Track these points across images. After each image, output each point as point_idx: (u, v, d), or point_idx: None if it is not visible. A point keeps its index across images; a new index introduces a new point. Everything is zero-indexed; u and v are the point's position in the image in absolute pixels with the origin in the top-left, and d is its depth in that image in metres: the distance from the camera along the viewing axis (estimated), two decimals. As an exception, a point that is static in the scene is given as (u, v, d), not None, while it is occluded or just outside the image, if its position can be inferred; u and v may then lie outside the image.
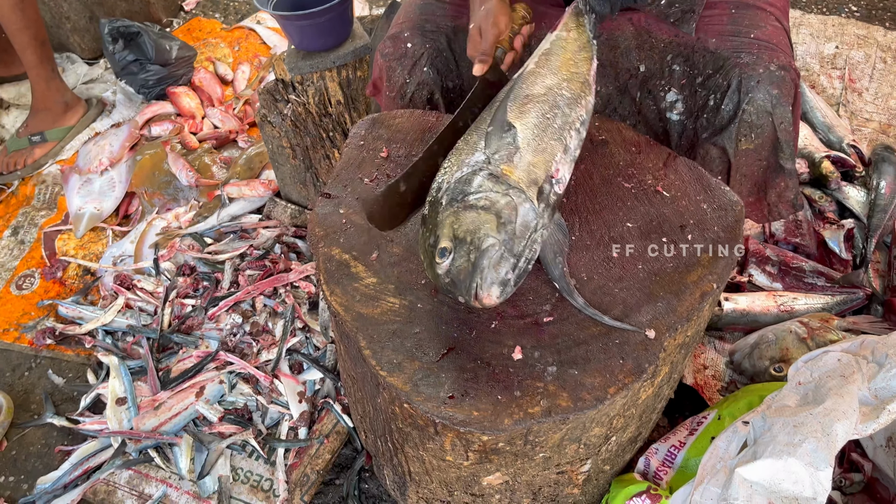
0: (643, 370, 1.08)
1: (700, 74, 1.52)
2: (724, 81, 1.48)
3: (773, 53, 1.46)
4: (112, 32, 2.79)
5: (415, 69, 1.63)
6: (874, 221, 2.15)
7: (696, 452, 1.46)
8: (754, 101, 1.44)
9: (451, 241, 1.07)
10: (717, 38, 1.51)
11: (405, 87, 1.65)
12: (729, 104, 1.48)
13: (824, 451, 1.06)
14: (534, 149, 1.16)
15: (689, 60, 1.53)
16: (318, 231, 1.30)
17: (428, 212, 1.15)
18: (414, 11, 1.68)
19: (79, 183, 2.54)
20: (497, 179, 1.11)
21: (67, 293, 2.26)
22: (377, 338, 1.13)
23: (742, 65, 1.46)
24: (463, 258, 1.05)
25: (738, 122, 1.47)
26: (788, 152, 1.50)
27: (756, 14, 1.53)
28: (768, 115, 1.45)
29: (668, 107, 1.59)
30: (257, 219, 2.35)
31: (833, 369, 1.25)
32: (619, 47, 1.60)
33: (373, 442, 1.50)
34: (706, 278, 1.19)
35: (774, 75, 1.43)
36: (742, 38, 1.49)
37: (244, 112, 2.88)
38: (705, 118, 1.54)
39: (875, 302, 1.99)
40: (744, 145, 1.49)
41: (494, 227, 1.06)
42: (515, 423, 1.02)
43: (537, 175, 1.13)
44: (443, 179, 1.17)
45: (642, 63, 1.61)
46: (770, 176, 1.56)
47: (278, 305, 2.01)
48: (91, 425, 1.84)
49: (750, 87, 1.44)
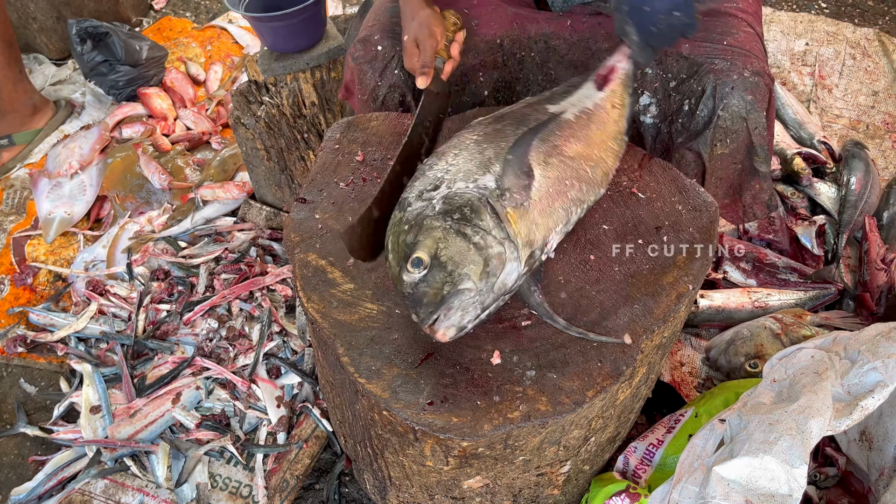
0: (621, 372, 1.08)
1: (673, 78, 1.53)
2: (698, 87, 1.50)
3: (747, 59, 1.47)
4: (80, 33, 2.74)
5: (385, 72, 1.63)
6: (845, 217, 2.18)
7: (674, 450, 1.48)
8: (729, 107, 1.46)
9: (429, 257, 1.04)
10: (690, 44, 1.52)
11: (377, 90, 1.64)
12: (704, 109, 1.49)
13: (799, 448, 1.07)
14: (543, 208, 1.12)
15: (662, 64, 1.54)
16: (294, 237, 1.29)
17: (413, 200, 1.11)
18: (384, 14, 1.67)
19: (48, 187, 2.50)
20: (499, 222, 1.07)
21: (38, 300, 2.22)
22: (355, 344, 1.12)
23: (716, 71, 1.47)
24: (435, 284, 1.03)
25: (713, 127, 1.48)
26: (763, 156, 1.52)
27: (728, 21, 1.54)
28: (743, 121, 1.46)
29: (641, 110, 1.60)
30: (232, 221, 2.32)
31: (807, 366, 1.26)
32: (592, 49, 1.61)
33: (352, 447, 1.49)
34: (682, 280, 1.20)
35: (749, 81, 1.45)
36: (715, 44, 1.50)
37: (217, 113, 2.85)
38: (680, 122, 1.55)
39: (847, 297, 2.03)
40: (719, 150, 1.51)
41: (478, 272, 1.03)
42: (495, 428, 1.03)
43: (536, 237, 1.10)
44: (444, 171, 1.13)
45: None
46: (745, 178, 1.58)
47: (255, 309, 2.00)
48: (65, 434, 1.81)
49: (725, 93, 1.46)
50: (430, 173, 1.14)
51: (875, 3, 3.35)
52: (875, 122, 2.66)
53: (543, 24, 1.63)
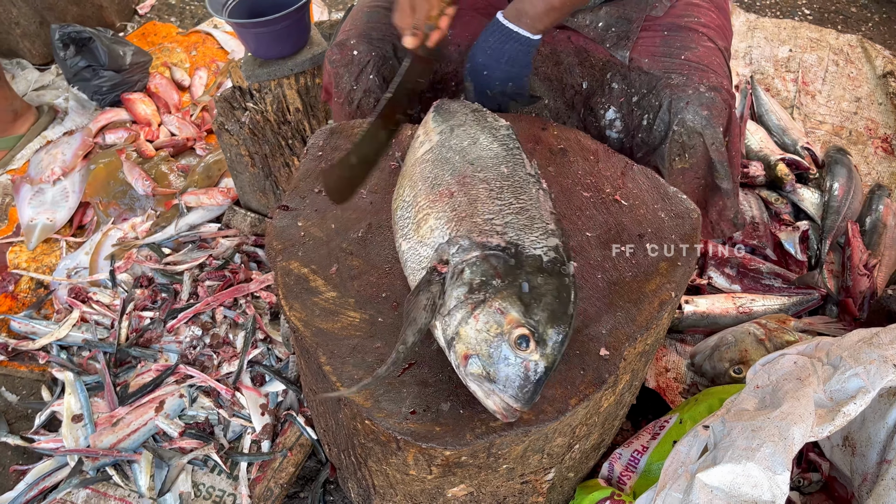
0: (604, 380, 1.08)
1: (636, 93, 1.54)
2: (656, 101, 1.50)
3: (704, 74, 1.48)
4: (63, 38, 2.72)
5: (361, 76, 1.64)
6: (828, 223, 2.19)
7: (659, 457, 1.48)
8: (684, 122, 1.46)
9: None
10: (650, 59, 1.53)
11: (352, 94, 1.66)
12: (660, 124, 1.50)
13: (782, 454, 1.08)
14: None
15: (627, 79, 1.55)
16: (276, 244, 1.29)
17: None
18: (361, 19, 1.68)
19: (30, 193, 2.47)
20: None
21: (20, 307, 2.20)
22: (338, 353, 1.12)
23: (672, 86, 1.48)
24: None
25: (669, 142, 1.49)
26: (723, 172, 1.52)
27: (687, 35, 1.55)
28: (699, 136, 1.47)
29: (607, 125, 1.61)
30: (216, 228, 2.31)
31: (789, 372, 1.27)
32: (563, 63, 1.62)
33: (336, 455, 1.49)
34: (664, 287, 1.20)
35: (704, 96, 1.45)
36: (673, 59, 1.51)
37: (202, 119, 2.84)
38: (640, 137, 1.56)
39: (830, 302, 2.04)
40: (679, 164, 1.52)
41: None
42: (478, 437, 1.02)
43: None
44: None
45: (584, 80, 1.63)
46: (709, 195, 1.59)
47: (239, 317, 1.98)
48: (46, 443, 1.79)
49: (679, 107, 1.46)
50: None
51: (858, 10, 3.38)
52: (858, 129, 2.68)
53: None
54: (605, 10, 1.56)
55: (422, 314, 0.99)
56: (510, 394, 0.95)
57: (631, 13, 1.55)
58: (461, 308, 0.99)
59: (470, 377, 0.97)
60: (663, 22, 1.56)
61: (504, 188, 1.14)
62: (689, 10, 1.58)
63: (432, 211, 1.14)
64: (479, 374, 0.96)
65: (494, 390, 0.95)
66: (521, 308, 0.98)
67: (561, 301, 1.00)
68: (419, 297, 1.01)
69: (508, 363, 0.96)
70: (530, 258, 1.04)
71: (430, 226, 1.12)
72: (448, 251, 1.06)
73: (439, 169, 1.21)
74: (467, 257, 1.04)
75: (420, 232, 1.13)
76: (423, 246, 1.11)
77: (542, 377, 0.96)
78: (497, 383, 0.95)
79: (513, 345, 0.96)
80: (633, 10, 1.55)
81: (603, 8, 1.56)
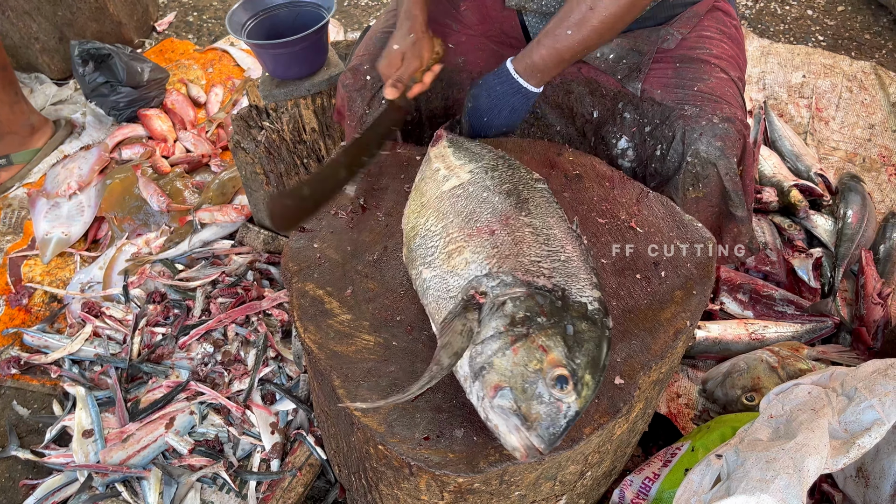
0: (618, 409, 1.08)
1: (649, 123, 1.55)
2: (669, 132, 1.51)
3: (717, 105, 1.48)
4: (82, 54, 2.76)
5: (373, 101, 1.66)
6: (841, 250, 2.19)
7: (671, 485, 1.47)
8: (698, 153, 1.47)
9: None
10: (662, 90, 1.54)
11: (364, 118, 1.68)
12: (674, 155, 1.50)
13: (796, 486, 1.07)
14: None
15: (639, 109, 1.56)
16: (292, 266, 1.29)
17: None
18: (374, 44, 1.70)
19: (46, 207, 2.50)
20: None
21: (33, 321, 2.21)
22: (351, 376, 1.12)
23: (686, 117, 1.48)
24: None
25: (682, 172, 1.49)
26: (738, 201, 1.52)
27: (700, 67, 1.55)
28: (713, 167, 1.47)
29: (619, 154, 1.61)
30: (229, 245, 2.32)
31: (804, 402, 1.26)
32: (574, 93, 1.63)
33: (346, 476, 1.48)
34: (679, 316, 1.19)
35: (718, 128, 1.46)
36: (686, 90, 1.52)
37: (217, 135, 2.86)
38: (653, 167, 1.57)
39: (843, 330, 2.03)
40: (692, 194, 1.52)
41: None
42: (491, 464, 1.02)
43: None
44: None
45: (595, 109, 1.64)
46: (723, 222, 1.59)
47: (251, 334, 1.99)
48: (56, 458, 1.79)
49: (693, 139, 1.47)
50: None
51: (871, 37, 3.39)
52: (871, 156, 2.67)
53: None
54: (617, 41, 1.57)
55: (458, 338, 0.99)
56: (537, 432, 0.94)
57: (642, 46, 1.56)
58: (498, 339, 0.99)
59: (497, 409, 0.96)
60: (675, 54, 1.57)
61: (550, 238, 1.14)
62: (700, 41, 1.59)
63: (468, 245, 1.13)
64: (507, 408, 0.95)
65: (520, 426, 0.95)
66: (564, 349, 0.98)
67: (600, 351, 1.01)
68: (454, 322, 1.01)
69: (542, 401, 0.95)
70: (577, 304, 1.04)
71: (466, 258, 1.11)
72: (486, 284, 1.06)
73: (476, 205, 1.21)
74: (510, 291, 1.04)
75: (451, 262, 1.13)
76: (452, 276, 1.11)
77: (572, 420, 0.96)
78: (525, 420, 0.95)
79: (550, 383, 0.95)
80: (645, 42, 1.56)
81: (614, 40, 1.57)
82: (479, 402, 0.99)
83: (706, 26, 1.62)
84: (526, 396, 0.96)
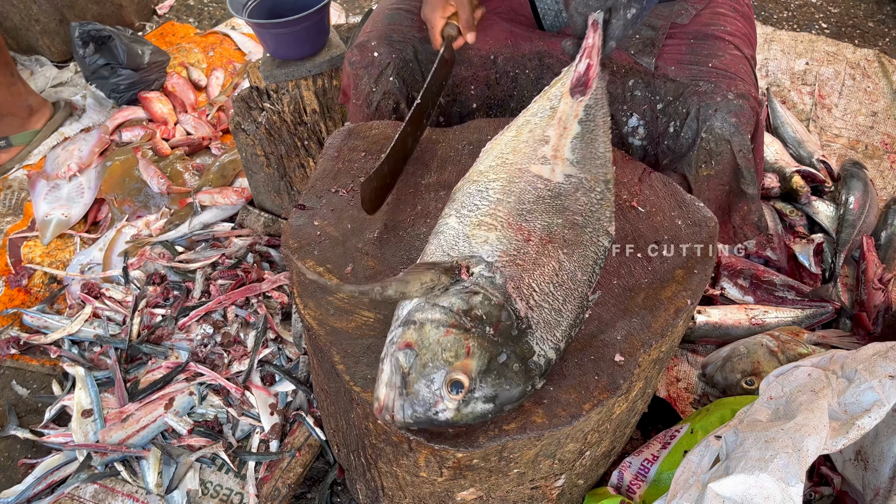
0: (618, 386, 1.08)
1: (661, 101, 1.54)
2: (683, 109, 1.50)
3: (732, 82, 1.47)
4: (83, 36, 2.74)
5: (381, 78, 1.64)
6: (843, 236, 2.18)
7: (669, 466, 1.47)
8: (712, 129, 1.46)
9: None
10: (676, 66, 1.52)
11: (371, 96, 1.66)
12: (688, 132, 1.49)
13: (795, 466, 1.07)
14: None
15: (650, 86, 1.54)
16: (292, 243, 1.29)
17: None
18: (382, 21, 1.68)
19: (46, 188, 2.49)
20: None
21: (33, 301, 2.21)
22: (351, 352, 1.12)
23: (700, 93, 1.47)
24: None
25: (696, 149, 1.48)
26: (749, 178, 1.51)
27: (714, 43, 1.54)
28: (727, 143, 1.46)
29: (630, 132, 1.60)
30: (230, 227, 2.32)
31: (804, 384, 1.26)
32: None
33: (345, 456, 1.48)
34: (680, 294, 1.19)
35: (732, 104, 1.45)
36: (700, 66, 1.51)
37: (217, 118, 2.85)
38: (666, 144, 1.56)
39: (843, 316, 2.02)
40: (704, 171, 1.51)
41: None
42: (490, 439, 1.02)
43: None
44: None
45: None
46: (733, 200, 1.58)
47: (250, 316, 1.99)
48: (56, 438, 1.80)
49: (707, 115, 1.46)
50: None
51: (875, 25, 3.37)
52: (874, 143, 2.66)
53: (538, 42, 1.64)
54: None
55: (417, 285, 1.00)
56: (402, 404, 0.96)
57: (656, 21, 1.55)
58: (444, 314, 0.99)
59: (393, 359, 0.98)
60: (689, 30, 1.56)
61: (563, 287, 1.10)
62: (715, 18, 1.58)
63: (501, 231, 1.10)
64: (401, 366, 0.97)
65: (396, 386, 0.96)
66: (482, 365, 0.98)
67: (509, 397, 0.99)
68: (427, 273, 1.01)
69: (429, 386, 0.96)
70: (528, 346, 1.03)
71: (487, 238, 1.09)
72: (480, 269, 1.05)
73: (539, 210, 1.14)
74: (490, 290, 1.03)
75: (475, 231, 1.11)
76: (465, 241, 1.10)
77: (436, 421, 0.97)
78: (404, 387, 0.96)
79: (447, 379, 0.96)
80: (658, 17, 1.55)
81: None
82: (388, 343, 1.01)
83: (720, 3, 1.61)
84: (421, 372, 0.96)
